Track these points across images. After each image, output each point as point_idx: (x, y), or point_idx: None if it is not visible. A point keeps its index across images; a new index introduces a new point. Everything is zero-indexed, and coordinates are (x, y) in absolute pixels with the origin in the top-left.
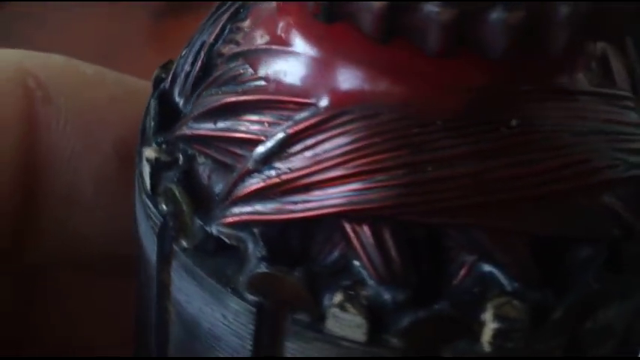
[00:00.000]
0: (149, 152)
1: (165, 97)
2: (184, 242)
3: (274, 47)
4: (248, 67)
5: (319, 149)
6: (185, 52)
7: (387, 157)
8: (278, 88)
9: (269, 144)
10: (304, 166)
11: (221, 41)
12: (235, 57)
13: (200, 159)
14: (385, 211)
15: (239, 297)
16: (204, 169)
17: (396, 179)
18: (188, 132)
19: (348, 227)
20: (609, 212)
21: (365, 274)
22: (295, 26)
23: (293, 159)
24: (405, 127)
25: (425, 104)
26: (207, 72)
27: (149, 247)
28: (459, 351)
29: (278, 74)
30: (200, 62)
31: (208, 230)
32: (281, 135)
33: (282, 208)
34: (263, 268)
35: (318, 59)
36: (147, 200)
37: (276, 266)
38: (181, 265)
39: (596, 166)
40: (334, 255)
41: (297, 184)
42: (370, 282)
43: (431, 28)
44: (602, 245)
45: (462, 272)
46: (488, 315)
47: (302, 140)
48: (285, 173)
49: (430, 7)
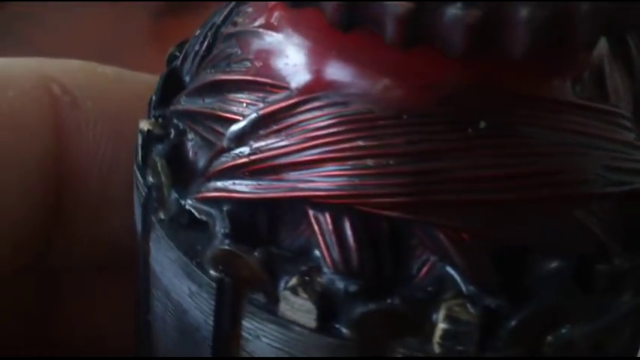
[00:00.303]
0: (143, 124)
1: (175, 74)
2: (161, 214)
3: (261, 30)
4: (238, 48)
5: (287, 133)
6: (199, 32)
7: (349, 146)
8: (259, 70)
9: (242, 124)
10: (272, 148)
11: (227, 22)
12: (229, 37)
13: (190, 135)
14: (344, 199)
15: (202, 272)
16: (192, 145)
17: (356, 169)
18: (180, 107)
19: (311, 213)
20: (580, 227)
21: (322, 261)
22: (279, 10)
23: (262, 140)
24: (371, 118)
25: (393, 98)
26: (210, 51)
27: (137, 218)
28: (410, 348)
29: (261, 56)
30: (207, 42)
31: (183, 204)
32: (253, 116)
33: (250, 188)
34: (225, 245)
35: (297, 45)
36: (136, 171)
37: (238, 244)
38: (158, 236)
39: (570, 179)
40: (301, 240)
41: (264, 165)
42: (326, 270)
43: (388, 19)
44: (569, 260)
45: (423, 271)
46: (441, 315)
47: (272, 122)
48: (255, 154)
49: None
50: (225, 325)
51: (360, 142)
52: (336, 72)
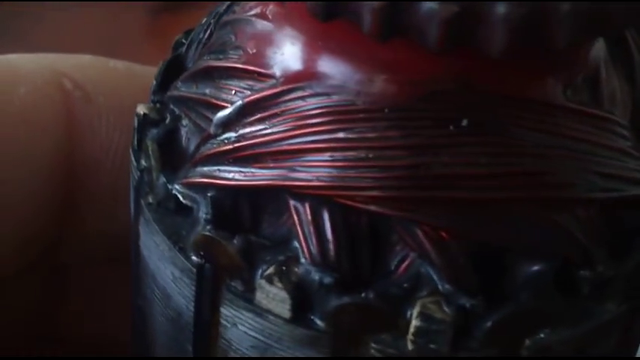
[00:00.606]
0: (140, 108)
1: (178, 61)
2: (150, 198)
3: (254, 19)
4: (233, 35)
5: (270, 121)
6: (204, 20)
7: (330, 137)
8: (250, 58)
9: (228, 110)
10: (255, 136)
11: (229, 11)
12: (226, 25)
13: (184, 120)
14: (323, 190)
15: (184, 257)
16: (185, 131)
17: (335, 161)
18: (176, 93)
19: (291, 203)
20: (562, 231)
21: (300, 251)
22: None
23: (246, 128)
24: (352, 110)
25: (376, 91)
26: (211, 39)
27: (130, 202)
28: (383, 344)
29: (253, 44)
30: (209, 30)
31: (170, 188)
32: (239, 103)
33: (233, 175)
34: (206, 230)
35: (286, 35)
36: (131, 154)
37: (218, 231)
38: (146, 220)
39: (554, 182)
40: (283, 229)
41: (247, 152)
42: (303, 260)
43: (365, 10)
44: (550, 264)
45: (402, 267)
46: (415, 312)
47: (257, 110)
48: (238, 141)
49: None
50: (206, 311)
51: (340, 134)
52: (321, 63)
